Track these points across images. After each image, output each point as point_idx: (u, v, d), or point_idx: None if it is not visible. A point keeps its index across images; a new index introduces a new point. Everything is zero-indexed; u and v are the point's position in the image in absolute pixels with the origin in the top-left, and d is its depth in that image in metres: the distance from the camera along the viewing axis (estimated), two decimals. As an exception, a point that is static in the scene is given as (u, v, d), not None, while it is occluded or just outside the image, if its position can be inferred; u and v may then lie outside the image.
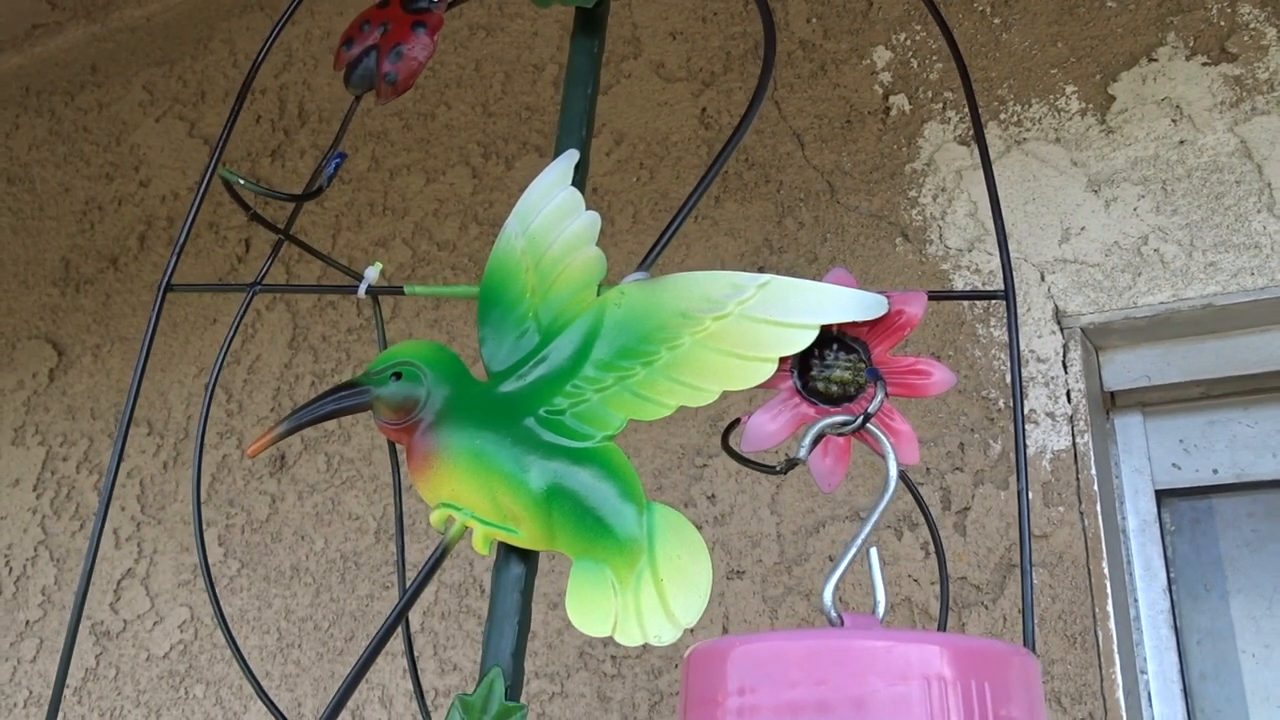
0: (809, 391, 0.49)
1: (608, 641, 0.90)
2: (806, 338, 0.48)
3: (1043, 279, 0.89)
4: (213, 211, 1.36)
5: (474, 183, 1.19)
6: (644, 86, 1.14)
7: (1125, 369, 0.89)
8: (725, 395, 0.48)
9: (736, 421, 0.49)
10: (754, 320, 0.48)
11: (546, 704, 0.90)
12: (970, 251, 0.92)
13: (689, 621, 0.44)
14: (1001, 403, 0.86)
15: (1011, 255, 0.90)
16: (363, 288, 0.57)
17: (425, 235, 1.18)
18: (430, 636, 0.98)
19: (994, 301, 0.90)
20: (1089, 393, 0.86)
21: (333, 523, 1.08)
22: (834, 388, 0.49)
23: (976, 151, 0.96)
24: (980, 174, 0.95)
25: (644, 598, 0.45)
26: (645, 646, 0.88)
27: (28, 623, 1.21)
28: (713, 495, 0.93)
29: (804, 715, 0.29)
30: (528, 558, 0.48)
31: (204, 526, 1.15)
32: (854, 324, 0.50)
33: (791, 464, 0.45)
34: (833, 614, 0.35)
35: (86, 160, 1.53)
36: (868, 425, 0.44)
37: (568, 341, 0.50)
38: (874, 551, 0.37)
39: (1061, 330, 0.87)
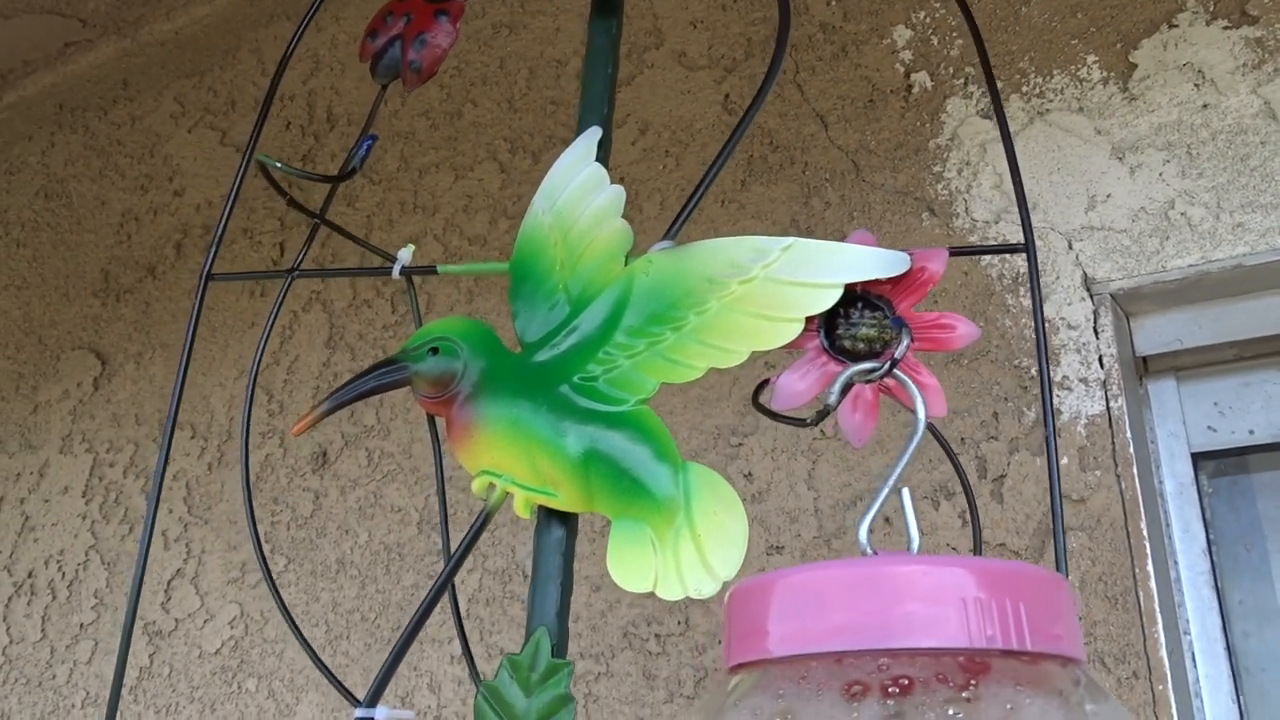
0: (836, 350, 0.50)
1: (651, 620, 0.91)
2: (831, 297, 0.49)
3: (1070, 247, 0.89)
4: (246, 218, 1.39)
5: (502, 177, 1.20)
6: (667, 76, 1.15)
7: (1157, 333, 0.89)
8: (754, 356, 0.49)
9: (766, 381, 0.50)
10: (779, 282, 0.49)
11: (593, 684, 0.91)
12: (997, 223, 0.92)
13: (727, 574, 0.45)
14: (1034, 370, 0.86)
15: (1039, 225, 0.91)
16: (397, 268, 0.58)
17: (456, 231, 1.19)
18: (476, 623, 1.00)
19: (1020, 271, 0.90)
20: (1121, 358, 0.86)
21: (375, 516, 1.10)
22: (860, 345, 0.50)
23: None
24: (1002, 147, 0.95)
25: (683, 553, 0.46)
26: (688, 624, 0.89)
27: (82, 625, 1.24)
28: (749, 473, 0.93)
29: (843, 638, 0.30)
30: (567, 520, 0.50)
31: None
32: (878, 282, 0.50)
33: (822, 415, 0.46)
34: (868, 550, 0.35)
35: (121, 173, 1.56)
36: (894, 372, 0.44)
37: (598, 310, 0.51)
38: (905, 492, 0.38)
39: (1091, 297, 0.87)
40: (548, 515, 0.50)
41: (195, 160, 1.51)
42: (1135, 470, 0.80)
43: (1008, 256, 0.91)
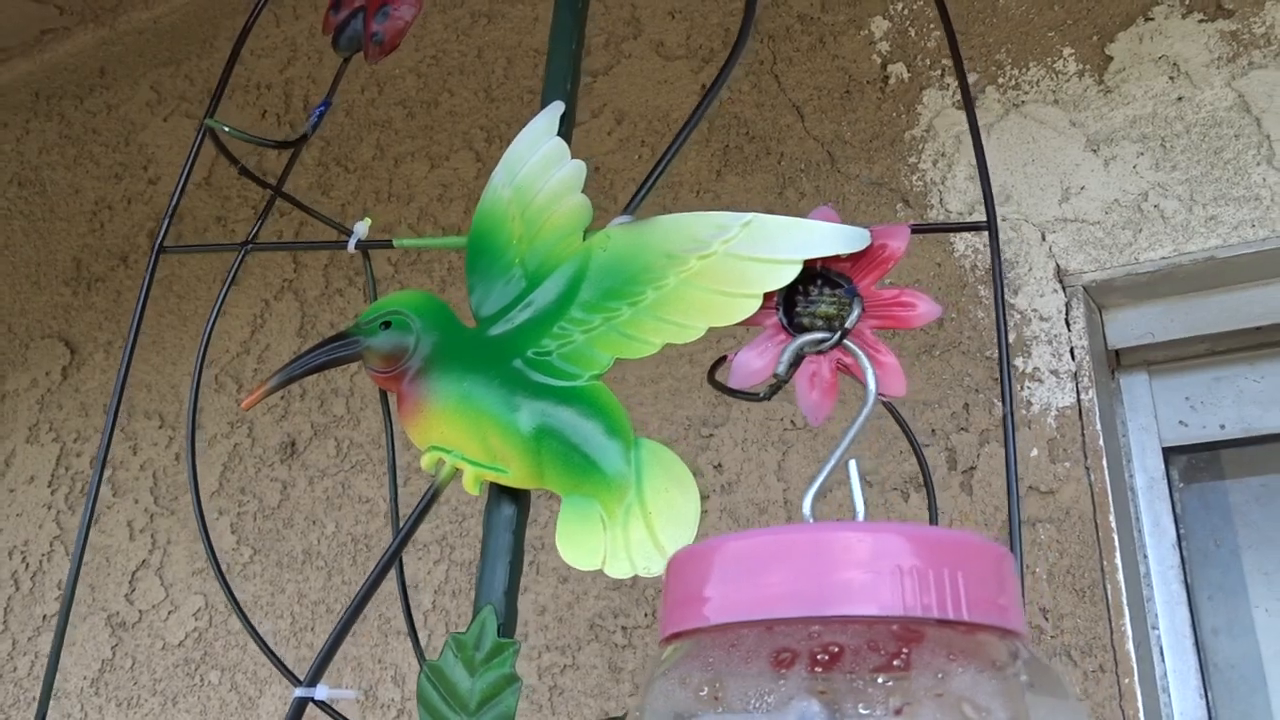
0: (794, 327, 0.49)
1: (618, 612, 0.90)
2: (790, 273, 0.48)
3: (1043, 238, 0.88)
4: (220, 205, 1.37)
5: (478, 166, 1.19)
6: (644, 66, 1.14)
7: (1129, 326, 0.89)
8: (713, 332, 0.49)
9: (723, 359, 0.49)
10: (738, 258, 0.49)
11: (559, 676, 0.90)
12: (971, 214, 0.92)
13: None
14: (1004, 362, 0.86)
15: (1012, 216, 0.90)
16: (352, 242, 0.57)
17: (430, 220, 1.18)
18: (441, 615, 0.98)
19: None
20: (1093, 351, 0.85)
21: (343, 506, 1.09)
22: (819, 322, 0.49)
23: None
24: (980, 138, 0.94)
25: (632, 531, 0.45)
26: (654, 616, 0.88)
27: (45, 617, 1.22)
28: (719, 465, 0.92)
29: (776, 606, 0.29)
30: (518, 498, 0.49)
31: (216, 515, 1.16)
32: (838, 259, 0.50)
33: (774, 388, 0.45)
34: (811, 521, 0.35)
35: (96, 161, 1.54)
36: (846, 343, 0.43)
37: (554, 285, 0.50)
38: (853, 464, 0.37)
39: (1064, 289, 0.86)
40: (498, 492, 0.49)
41: (170, 149, 1.50)
42: (1105, 463, 0.80)
43: (980, 248, 0.90)
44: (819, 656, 0.28)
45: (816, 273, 0.50)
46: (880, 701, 0.28)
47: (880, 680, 0.28)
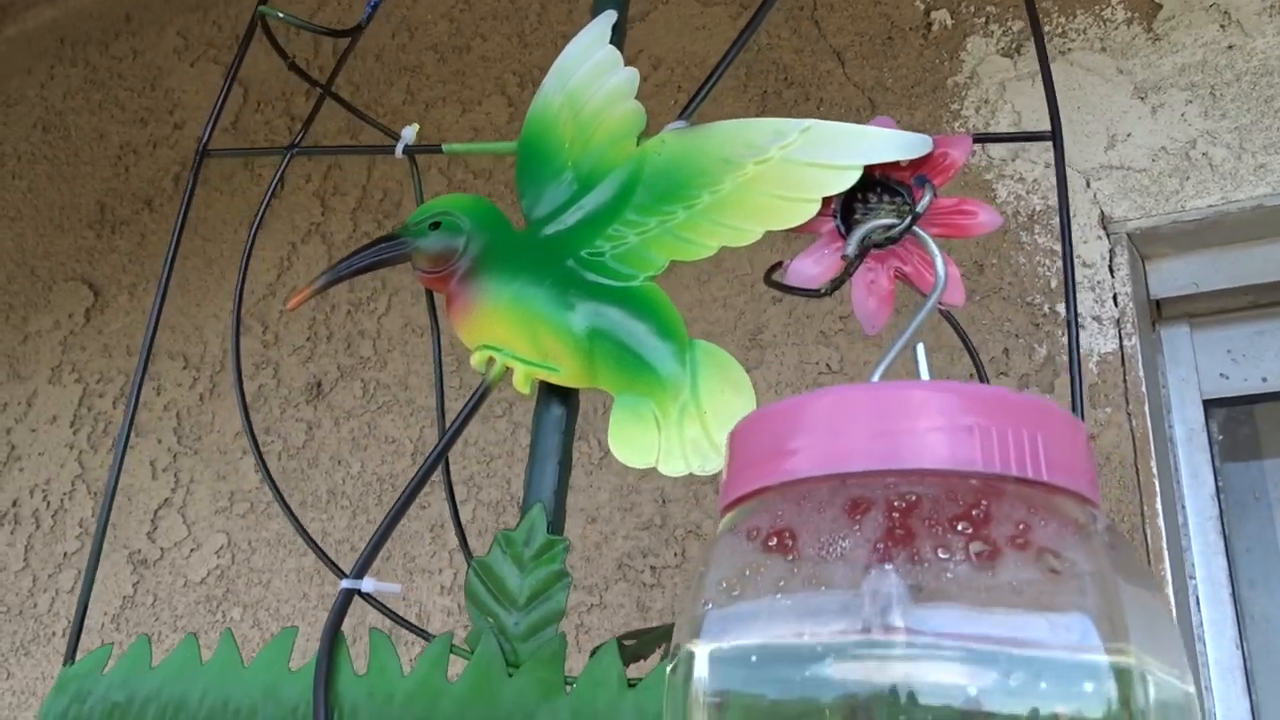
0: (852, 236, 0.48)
1: (646, 552, 0.89)
2: (850, 178, 0.47)
3: (1088, 185, 0.87)
4: (247, 150, 1.36)
5: (509, 111, 1.18)
6: (681, 12, 1.13)
7: (1172, 276, 0.87)
8: (768, 236, 0.48)
9: (779, 264, 0.48)
10: (797, 163, 0.48)
11: (585, 615, 0.89)
12: (1014, 161, 0.90)
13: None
14: (1046, 308, 0.85)
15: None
16: (400, 147, 0.56)
17: (461, 164, 1.17)
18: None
19: (1035, 209, 0.88)
20: (1135, 300, 0.84)
21: (369, 447, 1.08)
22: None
23: (1019, 64, 0.94)
24: (1024, 85, 0.93)
25: (687, 430, 0.44)
26: (684, 555, 0.87)
27: (65, 554, 1.22)
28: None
29: (849, 460, 0.28)
30: (568, 399, 0.48)
31: (241, 454, 1.16)
32: (897, 168, 0.49)
33: (836, 284, 0.44)
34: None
35: (121, 106, 1.54)
36: (915, 230, 0.42)
37: (607, 188, 0.49)
38: (920, 347, 0.36)
39: (1108, 235, 0.85)
40: (548, 392, 0.48)
41: (197, 94, 1.49)
42: (1147, 409, 0.78)
43: (1022, 194, 0.89)
44: (896, 504, 0.28)
45: (875, 181, 0.49)
46: (959, 548, 0.27)
47: (960, 527, 0.27)
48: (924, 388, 0.29)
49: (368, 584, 0.45)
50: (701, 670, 0.29)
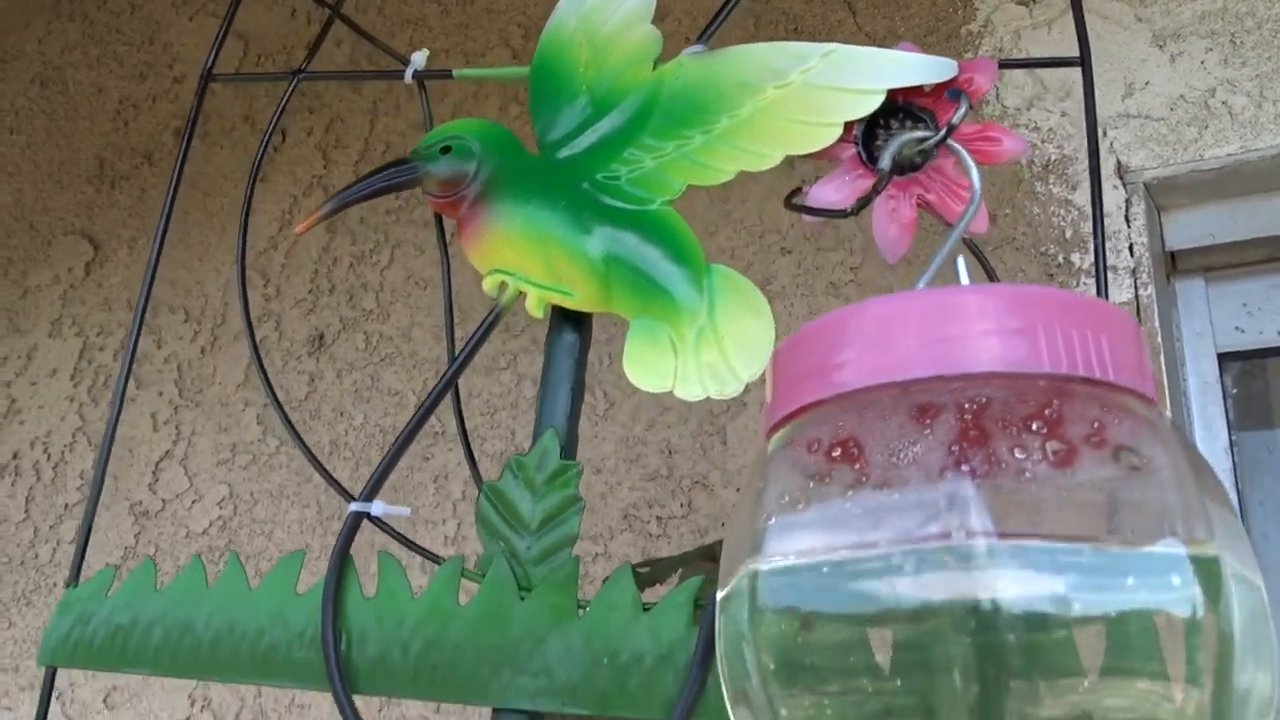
0: (873, 162, 0.47)
1: (653, 502, 0.89)
2: (873, 103, 0.46)
3: (1105, 134, 0.85)
4: (248, 104, 1.35)
5: (514, 63, 1.16)
6: (688, -39, 1.11)
7: (1188, 227, 0.86)
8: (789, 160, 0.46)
9: (798, 189, 0.47)
10: (818, 88, 0.46)
11: (590, 565, 0.88)
12: (1029, 110, 0.89)
13: (750, 376, 0.42)
14: (1061, 258, 0.83)
15: (1073, 112, 0.87)
16: (409, 73, 0.55)
17: (465, 114, 1.15)
18: (472, 504, 0.97)
19: (1051, 159, 0.87)
20: (1151, 250, 0.83)
21: (372, 399, 1.07)
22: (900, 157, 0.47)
23: (1035, 11, 0.92)
24: (1039, 33, 0.91)
25: (704, 354, 0.43)
26: (690, 506, 0.86)
27: (66, 506, 1.21)
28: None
29: (913, 366, 0.27)
30: (581, 325, 0.47)
31: (243, 406, 1.15)
32: (921, 93, 0.47)
33: (863, 203, 0.43)
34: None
35: (120, 61, 1.52)
36: (949, 143, 0.41)
37: (623, 112, 0.48)
38: (961, 260, 0.35)
39: (1124, 185, 0.84)
40: (561, 318, 0.47)
41: (197, 48, 1.47)
42: (1162, 360, 0.78)
43: (1038, 143, 0.87)
44: (966, 407, 0.26)
45: (898, 106, 0.48)
46: (1036, 448, 0.26)
47: (1034, 427, 0.26)
48: (979, 291, 0.28)
49: (377, 507, 0.44)
50: (765, 589, 0.28)
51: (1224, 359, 0.85)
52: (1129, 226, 0.82)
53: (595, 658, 0.39)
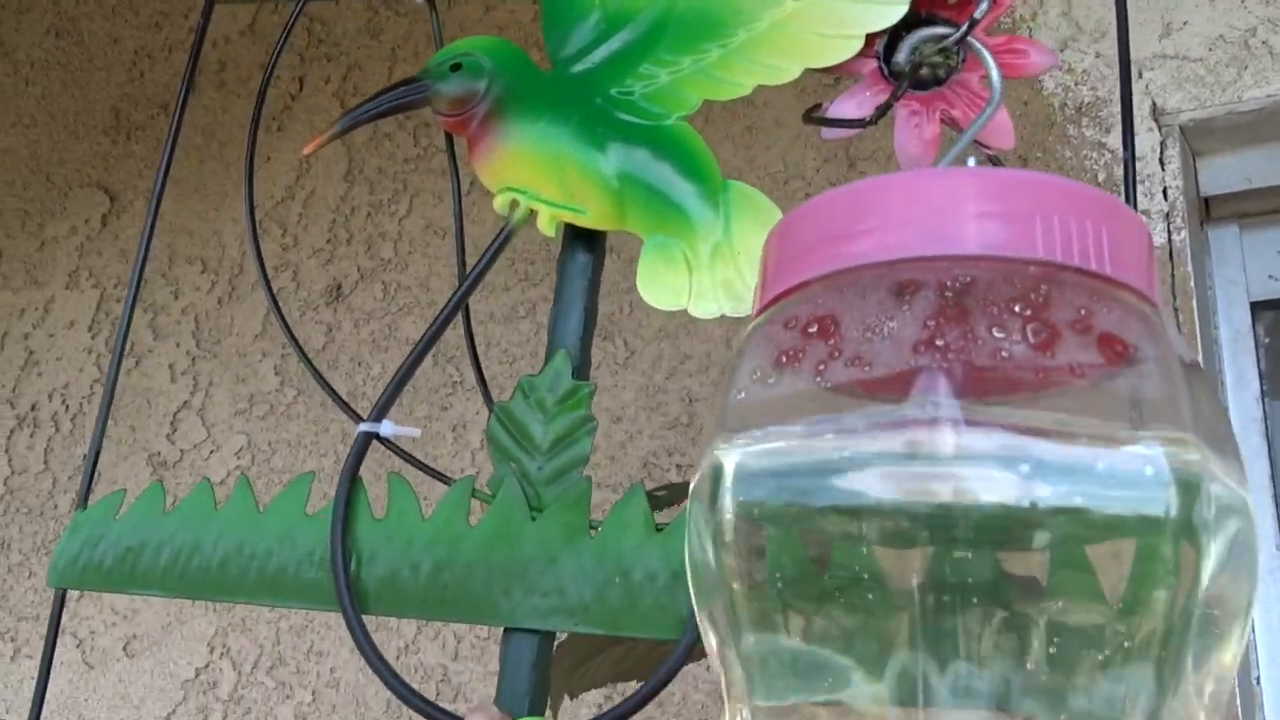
0: (895, 75, 0.46)
1: (672, 451, 0.87)
2: (895, 14, 0.44)
3: (1140, 75, 0.83)
4: (264, 53, 1.33)
5: (534, 9, 1.14)
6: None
7: (1224, 172, 0.84)
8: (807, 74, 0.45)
9: (818, 105, 0.46)
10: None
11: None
12: (1063, 51, 0.87)
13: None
14: (1090, 200, 0.81)
15: (1107, 53, 0.85)
16: (421, -9, 0.53)
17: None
18: (488, 452, 0.96)
19: (1085, 101, 0.85)
20: (1186, 195, 0.81)
21: (390, 349, 1.06)
22: (923, 70, 0.45)
23: (1067, -50, 0.90)
24: (1071, -28, 0.89)
25: (719, 272, 0.42)
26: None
27: (84, 457, 1.21)
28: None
29: (897, 246, 0.26)
30: (594, 245, 0.45)
31: (260, 357, 1.14)
32: (945, 5, 0.46)
33: (882, 110, 0.41)
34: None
35: (135, 11, 1.51)
36: (969, 40, 0.40)
37: (639, 26, 0.47)
38: (972, 161, 0.33)
39: (1159, 127, 0.81)
40: (573, 238, 0.45)
41: (214, -1, 1.45)
42: (1194, 304, 0.76)
43: (1071, 85, 0.85)
44: (948, 284, 0.25)
45: (920, 19, 0.46)
46: (1016, 328, 0.24)
47: (1017, 309, 0.25)
48: (977, 173, 0.27)
49: (386, 427, 0.43)
50: (729, 468, 0.27)
51: (1257, 308, 0.83)
52: (1163, 170, 0.80)
53: (607, 577, 0.38)
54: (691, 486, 0.29)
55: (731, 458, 0.27)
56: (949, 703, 0.24)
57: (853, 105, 0.47)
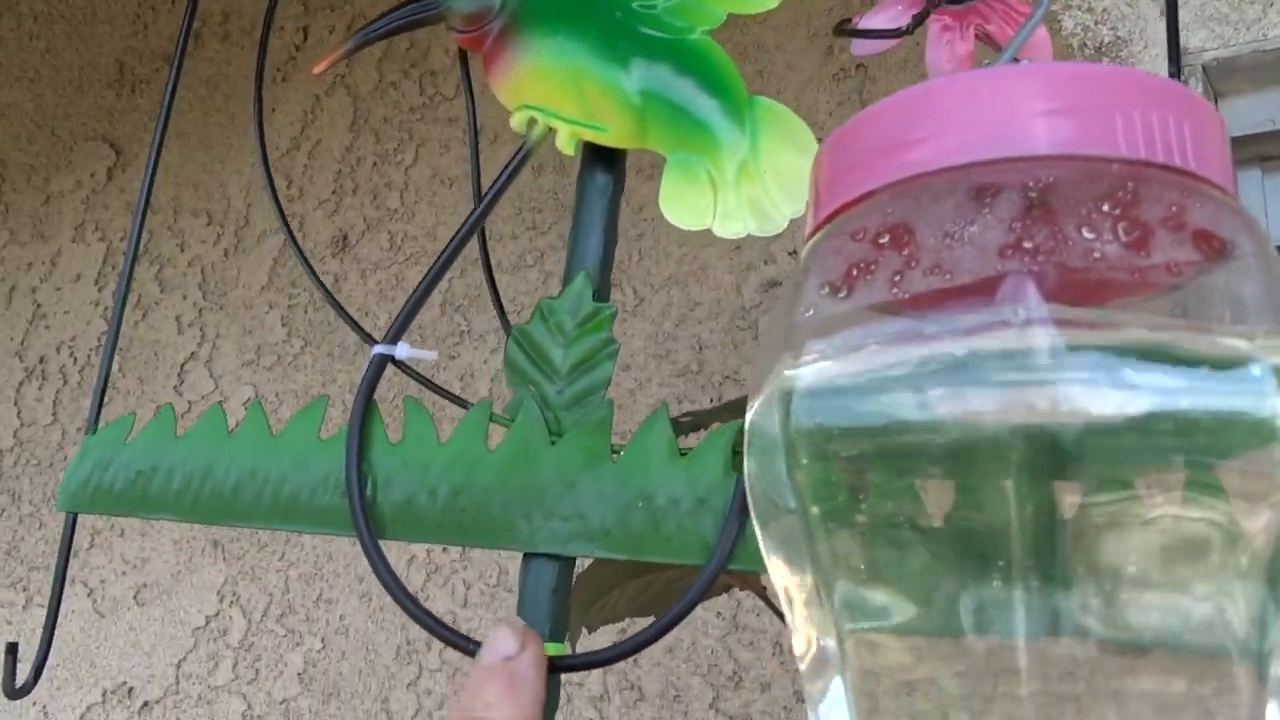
0: (928, -11, 0.44)
1: (683, 398, 0.87)
2: (930, -76, 0.43)
3: (1161, 14, 0.81)
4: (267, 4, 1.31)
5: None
6: None
7: (1247, 113, 0.82)
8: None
9: (848, 19, 0.44)
10: (871, -89, 0.43)
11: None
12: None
13: (794, 212, 0.40)
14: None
15: (1126, -9, 0.83)
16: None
17: None
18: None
19: (1105, 41, 0.83)
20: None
21: (396, 299, 1.05)
22: (957, -18, 0.44)
23: (1089, -112, 0.88)
24: (1093, -91, 0.87)
25: (745, 190, 0.41)
26: (721, 399, 0.84)
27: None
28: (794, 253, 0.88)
29: (971, 149, 0.25)
30: (614, 164, 0.44)
31: (267, 308, 1.13)
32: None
33: (919, 19, 0.40)
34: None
35: (140, -38, 1.48)
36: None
37: (660, -60, 0.45)
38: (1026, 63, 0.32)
39: (1182, 67, 0.80)
40: (593, 157, 0.44)
41: (216, -51, 1.43)
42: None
43: (1091, 25, 0.83)
44: (1031, 185, 0.24)
45: (956, -69, 0.45)
46: (1106, 227, 0.23)
47: (1105, 207, 0.23)
48: (1049, 68, 0.26)
49: (401, 349, 0.42)
50: (800, 389, 0.25)
51: (1280, 250, 0.81)
52: (1185, 108, 0.78)
53: (629, 501, 0.37)
54: (752, 412, 0.28)
55: (804, 377, 0.25)
56: (1043, 631, 0.23)
57: (884, 18, 0.45)
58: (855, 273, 0.26)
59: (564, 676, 0.38)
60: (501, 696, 0.33)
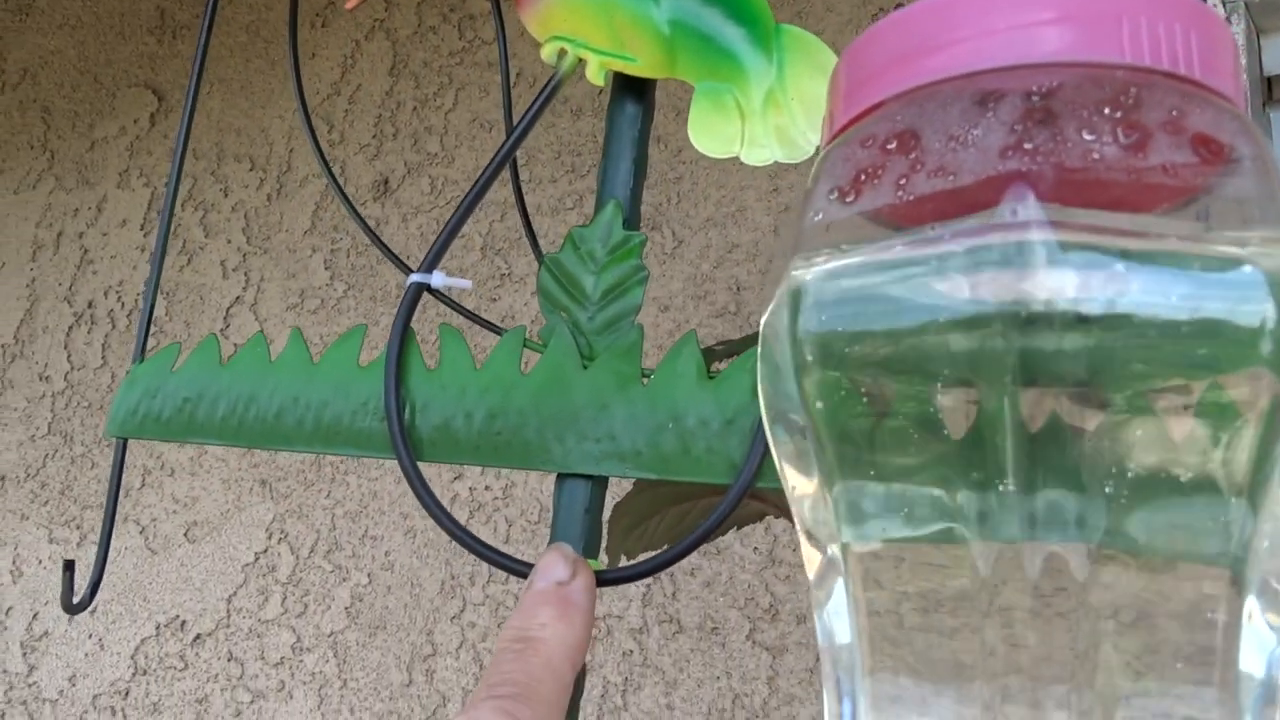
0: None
1: (719, 339, 0.87)
2: None
3: (1207, -57, 0.79)
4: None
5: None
6: None
7: (1295, 46, 0.81)
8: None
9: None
10: None
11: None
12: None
13: (820, 139, 0.40)
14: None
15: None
16: None
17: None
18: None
19: None
20: (1249, 74, 0.78)
21: (434, 242, 1.06)
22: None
23: None
24: None
25: (772, 117, 0.41)
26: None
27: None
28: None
29: (975, 57, 0.25)
30: (644, 94, 0.45)
31: (310, 252, 1.15)
32: None
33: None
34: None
35: (180, -91, 1.49)
36: None
37: None
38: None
39: (1223, 3, 0.78)
40: (623, 87, 0.45)
41: (254, -106, 1.44)
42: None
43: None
44: (1035, 90, 0.24)
45: None
46: (1106, 130, 0.24)
47: (1106, 111, 0.24)
48: None
49: (437, 278, 0.43)
50: (808, 289, 0.26)
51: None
52: (1230, 40, 0.77)
53: (660, 423, 0.38)
54: (764, 319, 0.29)
55: (812, 278, 0.26)
56: (1038, 535, 0.23)
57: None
58: (863, 178, 0.26)
59: (604, 610, 0.39)
60: (555, 618, 0.34)
